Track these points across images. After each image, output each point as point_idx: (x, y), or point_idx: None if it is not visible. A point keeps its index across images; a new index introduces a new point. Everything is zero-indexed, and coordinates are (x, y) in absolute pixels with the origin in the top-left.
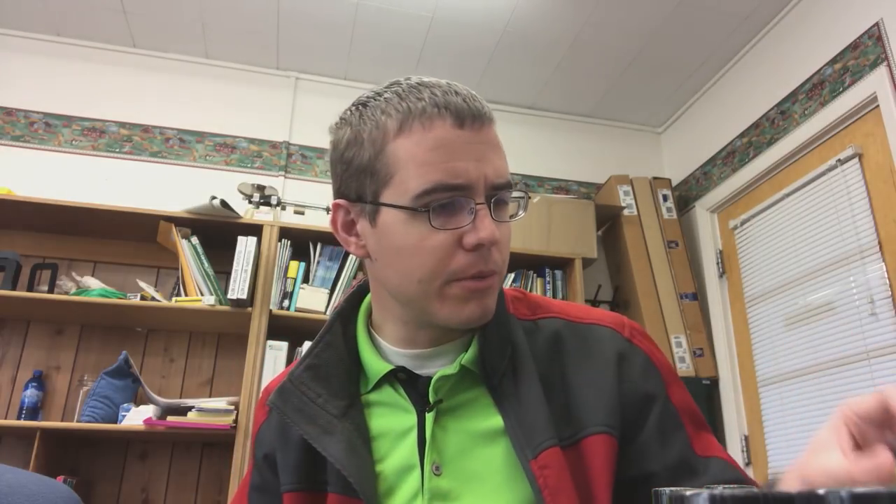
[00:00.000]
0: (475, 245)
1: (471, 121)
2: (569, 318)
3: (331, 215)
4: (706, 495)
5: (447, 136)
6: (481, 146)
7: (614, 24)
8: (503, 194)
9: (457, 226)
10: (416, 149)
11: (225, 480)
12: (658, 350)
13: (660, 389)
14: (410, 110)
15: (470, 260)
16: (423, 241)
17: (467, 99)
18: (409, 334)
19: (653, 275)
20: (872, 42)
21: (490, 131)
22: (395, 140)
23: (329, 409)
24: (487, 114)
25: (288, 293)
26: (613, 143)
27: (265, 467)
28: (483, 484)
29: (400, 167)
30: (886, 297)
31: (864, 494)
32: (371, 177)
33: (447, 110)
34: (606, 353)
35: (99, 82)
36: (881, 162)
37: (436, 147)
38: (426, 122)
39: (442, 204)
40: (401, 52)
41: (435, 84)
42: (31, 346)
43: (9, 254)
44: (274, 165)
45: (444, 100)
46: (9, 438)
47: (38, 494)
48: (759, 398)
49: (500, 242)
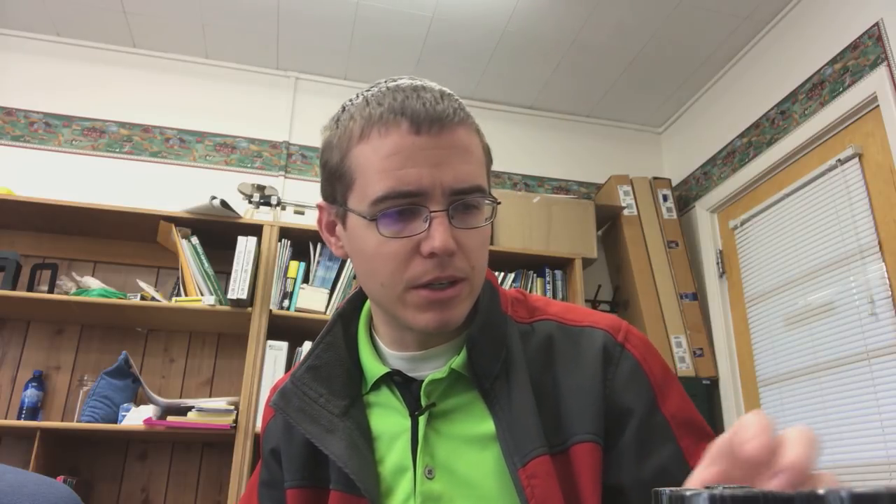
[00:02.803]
0: (430, 253)
1: (427, 126)
2: (563, 322)
3: (317, 215)
4: (706, 495)
5: (402, 143)
6: (438, 151)
7: (614, 24)
8: (469, 199)
9: (411, 233)
10: (374, 156)
11: (225, 480)
12: (654, 358)
13: (644, 400)
14: (371, 116)
15: (426, 267)
16: (381, 247)
17: (429, 103)
18: (397, 335)
19: (653, 275)
20: (872, 42)
21: (453, 135)
22: (357, 146)
23: (330, 408)
24: (450, 117)
25: (288, 293)
26: (613, 143)
27: (272, 462)
28: (475, 489)
29: (360, 173)
30: (886, 297)
31: (864, 494)
32: (339, 180)
33: (403, 116)
34: (594, 358)
35: (99, 82)
36: (881, 162)
37: (390, 154)
38: (382, 128)
39: (397, 211)
40: (401, 52)
41: (402, 88)
42: (31, 346)
43: (9, 254)
44: (274, 165)
45: (402, 105)
46: (9, 438)
47: (38, 494)
48: (759, 398)
49: (465, 248)
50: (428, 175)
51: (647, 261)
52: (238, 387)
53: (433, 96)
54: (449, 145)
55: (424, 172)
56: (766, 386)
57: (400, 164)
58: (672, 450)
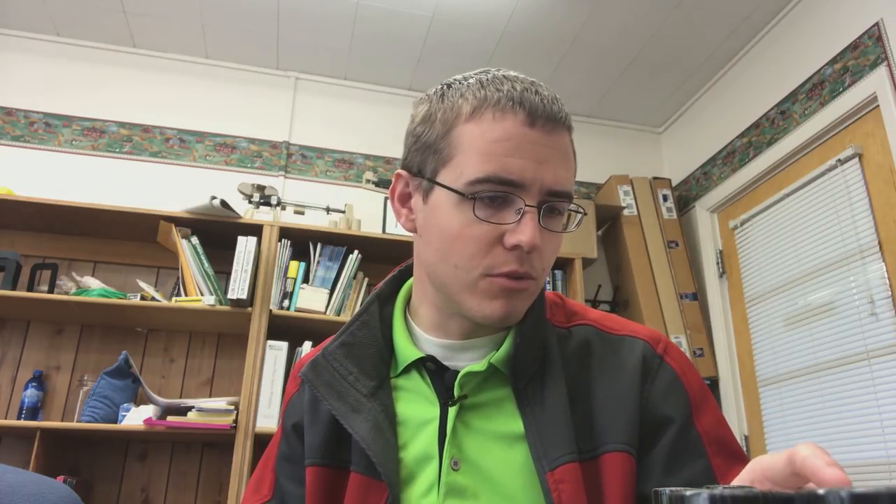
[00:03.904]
0: (514, 245)
1: (542, 122)
2: (602, 329)
3: (391, 184)
4: (706, 495)
5: (514, 132)
6: (546, 149)
7: (614, 24)
8: (558, 203)
9: (501, 221)
10: (482, 137)
11: (225, 480)
12: (692, 373)
13: (681, 413)
14: (487, 98)
15: (506, 258)
16: (466, 228)
17: (545, 100)
18: (441, 321)
19: (653, 275)
20: (872, 42)
21: (561, 138)
22: (465, 124)
23: (359, 387)
24: (563, 120)
25: (288, 293)
26: (613, 143)
27: (293, 436)
28: (499, 486)
29: (462, 150)
30: (886, 297)
31: (864, 494)
32: (434, 154)
33: (521, 106)
34: (633, 367)
35: (99, 82)
36: (881, 162)
37: (500, 139)
38: (498, 112)
39: (491, 196)
40: (401, 52)
41: (519, 79)
42: (31, 346)
43: (9, 254)
44: (274, 165)
45: (521, 96)
46: (9, 438)
47: (38, 494)
48: (759, 398)
49: (542, 250)
50: (532, 169)
51: (647, 261)
52: (238, 387)
53: (550, 95)
54: (555, 145)
55: (529, 166)
56: (766, 386)
57: (508, 151)
58: (702, 466)
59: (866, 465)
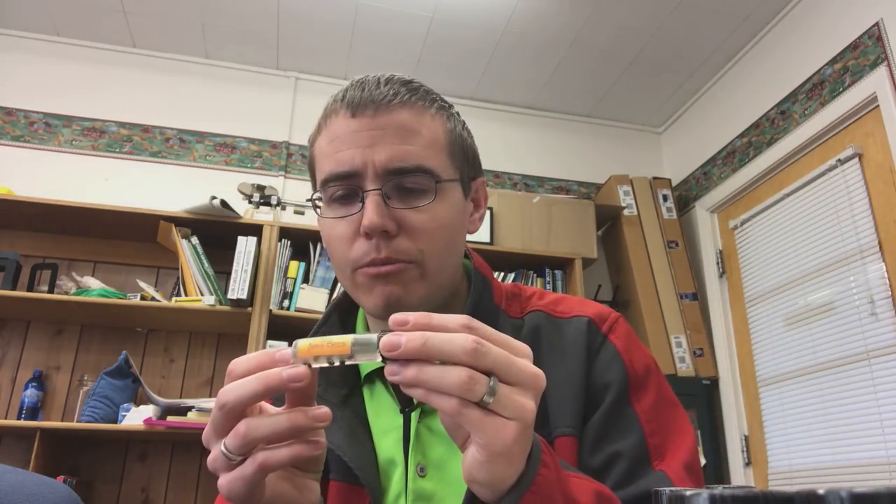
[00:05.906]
0: (364, 232)
1: (363, 109)
2: (552, 313)
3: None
4: (706, 495)
5: (340, 128)
6: (373, 132)
7: (614, 24)
8: (406, 180)
9: (348, 213)
10: (323, 144)
11: None
12: (638, 354)
13: (616, 389)
14: (325, 110)
15: (366, 248)
16: (331, 230)
17: (368, 88)
18: (376, 325)
19: (653, 275)
20: (872, 42)
21: (390, 116)
22: (317, 139)
23: (328, 397)
24: (388, 99)
25: (288, 293)
26: (613, 143)
27: None
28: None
29: (317, 163)
30: (886, 297)
31: (864, 494)
32: (312, 175)
33: (342, 102)
34: (579, 347)
35: (99, 82)
36: (881, 162)
37: (331, 140)
38: (328, 117)
39: (342, 194)
40: (401, 52)
41: (355, 80)
42: (31, 346)
43: (9, 254)
44: (274, 165)
45: (345, 94)
46: (9, 438)
47: (38, 494)
48: (759, 398)
49: (410, 229)
50: (360, 155)
51: (647, 261)
52: None
53: (375, 82)
54: (383, 126)
55: (357, 153)
56: (766, 386)
57: (337, 147)
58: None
59: (866, 465)
